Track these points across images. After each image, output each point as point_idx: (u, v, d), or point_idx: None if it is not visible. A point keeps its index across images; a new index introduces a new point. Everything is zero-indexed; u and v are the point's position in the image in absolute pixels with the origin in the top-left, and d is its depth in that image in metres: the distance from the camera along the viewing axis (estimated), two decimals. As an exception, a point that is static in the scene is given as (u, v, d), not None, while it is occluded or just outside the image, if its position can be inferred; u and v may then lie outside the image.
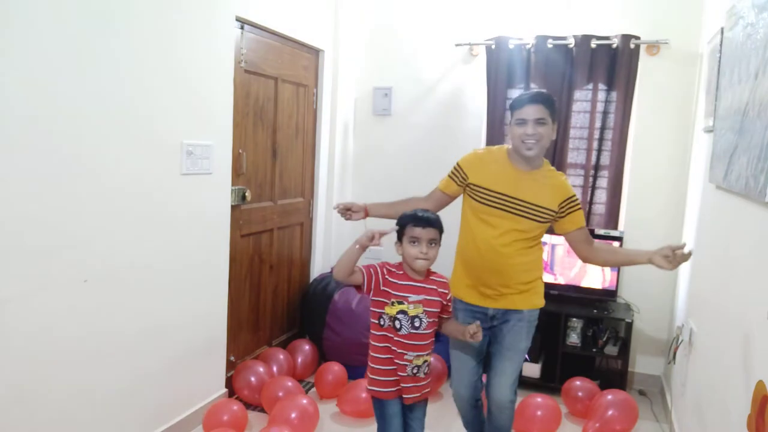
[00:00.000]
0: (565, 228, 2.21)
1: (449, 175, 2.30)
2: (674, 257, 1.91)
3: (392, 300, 2.01)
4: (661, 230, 3.48)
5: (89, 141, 2.09)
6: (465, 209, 2.28)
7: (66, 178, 2.02)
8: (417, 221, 2.00)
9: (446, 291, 2.10)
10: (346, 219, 2.37)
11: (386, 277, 2.03)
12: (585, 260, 2.27)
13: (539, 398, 2.92)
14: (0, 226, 1.82)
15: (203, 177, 2.69)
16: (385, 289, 2.02)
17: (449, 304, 2.13)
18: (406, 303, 2.01)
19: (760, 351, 1.58)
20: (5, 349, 1.87)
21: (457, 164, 2.27)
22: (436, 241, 2.02)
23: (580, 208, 2.19)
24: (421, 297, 2.03)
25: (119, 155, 2.23)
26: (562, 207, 2.17)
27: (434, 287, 2.07)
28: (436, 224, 2.03)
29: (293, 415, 2.62)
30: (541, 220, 2.15)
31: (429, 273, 2.09)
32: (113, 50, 2.15)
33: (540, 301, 2.27)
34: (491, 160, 2.22)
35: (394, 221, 2.10)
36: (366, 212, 2.34)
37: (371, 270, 2.03)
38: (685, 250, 1.92)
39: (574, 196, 2.19)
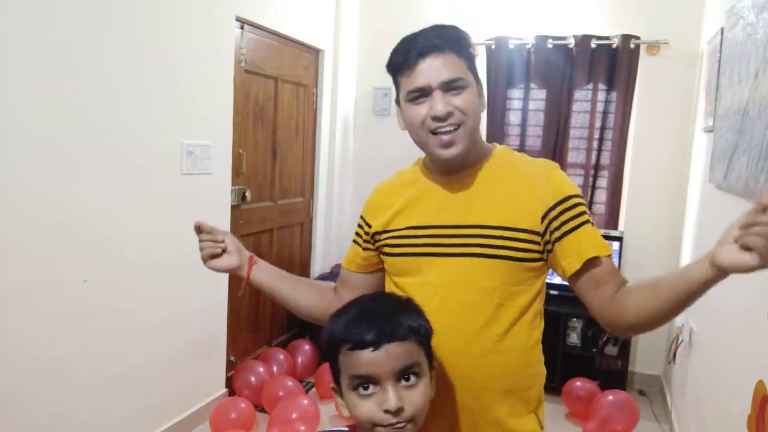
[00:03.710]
0: (564, 265, 1.10)
1: (354, 239, 1.31)
2: (755, 235, 0.82)
3: None
4: (661, 230, 3.48)
5: (89, 141, 2.09)
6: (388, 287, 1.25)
7: (65, 179, 2.02)
8: (356, 335, 0.92)
9: None
10: (207, 261, 1.24)
11: None
12: (611, 323, 1.08)
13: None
14: (0, 226, 1.83)
15: (203, 177, 2.69)
16: None
17: None
18: None
19: (760, 351, 1.58)
20: (5, 348, 1.87)
21: (360, 215, 1.30)
22: (416, 370, 0.94)
23: (586, 222, 1.10)
24: None
25: (119, 155, 2.22)
26: (552, 219, 1.09)
27: None
28: (404, 326, 0.94)
29: (294, 416, 2.62)
30: (514, 255, 1.09)
31: None
32: (112, 50, 2.15)
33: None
34: (402, 185, 1.24)
35: (284, 299, 1.29)
36: (251, 263, 1.27)
37: None
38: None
39: (573, 197, 1.10)
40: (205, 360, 2.85)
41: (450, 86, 1.06)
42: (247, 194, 3.08)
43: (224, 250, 1.25)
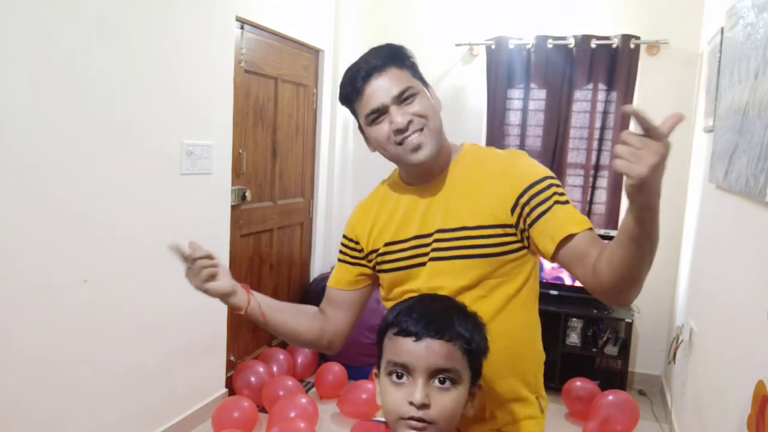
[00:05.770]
0: (541, 249, 1.13)
1: (339, 258, 1.34)
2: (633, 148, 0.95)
3: None
4: (661, 229, 3.46)
5: (89, 141, 2.09)
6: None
7: (65, 179, 2.02)
8: (403, 323, 0.95)
9: None
10: (196, 284, 1.23)
11: None
12: (597, 291, 1.06)
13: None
14: (0, 226, 1.83)
15: (203, 177, 2.69)
16: None
17: None
18: None
19: (760, 351, 1.58)
20: (5, 349, 1.87)
21: (343, 234, 1.34)
22: (453, 376, 0.93)
23: (555, 203, 1.12)
24: None
25: (119, 155, 2.22)
26: (522, 206, 1.13)
27: None
28: (452, 329, 0.94)
29: (292, 414, 2.62)
30: (490, 251, 1.14)
31: None
32: (113, 50, 2.15)
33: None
34: (380, 201, 1.29)
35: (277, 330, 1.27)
36: (249, 298, 1.23)
37: None
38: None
39: (540, 181, 1.14)
40: (205, 360, 2.85)
41: (402, 98, 1.14)
42: (247, 194, 3.08)
43: (215, 274, 1.22)
